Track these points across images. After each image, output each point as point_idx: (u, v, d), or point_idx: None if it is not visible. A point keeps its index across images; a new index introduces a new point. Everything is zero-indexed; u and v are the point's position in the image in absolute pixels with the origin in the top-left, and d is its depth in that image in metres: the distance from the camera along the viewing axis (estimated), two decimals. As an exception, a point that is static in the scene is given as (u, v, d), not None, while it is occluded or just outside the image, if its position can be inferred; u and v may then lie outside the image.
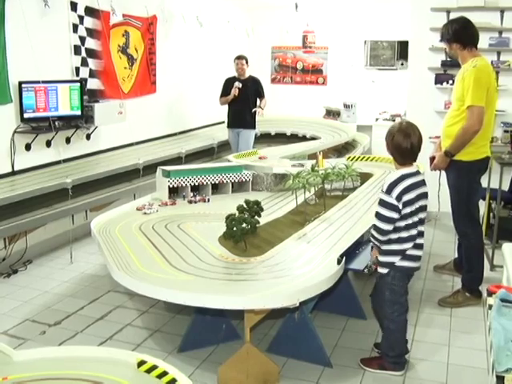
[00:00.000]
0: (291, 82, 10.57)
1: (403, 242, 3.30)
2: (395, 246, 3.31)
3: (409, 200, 3.25)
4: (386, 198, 3.24)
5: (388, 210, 3.23)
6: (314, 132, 8.39)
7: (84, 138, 6.19)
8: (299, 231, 3.88)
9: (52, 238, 5.74)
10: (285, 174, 4.99)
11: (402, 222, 3.27)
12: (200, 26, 8.31)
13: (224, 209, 4.26)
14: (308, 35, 10.17)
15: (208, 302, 2.88)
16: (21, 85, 5.27)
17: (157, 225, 4.05)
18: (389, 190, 3.24)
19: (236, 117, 7.66)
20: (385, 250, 3.34)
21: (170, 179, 4.76)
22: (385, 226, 3.25)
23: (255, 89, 7.68)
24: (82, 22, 6.09)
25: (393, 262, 3.33)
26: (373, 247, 3.45)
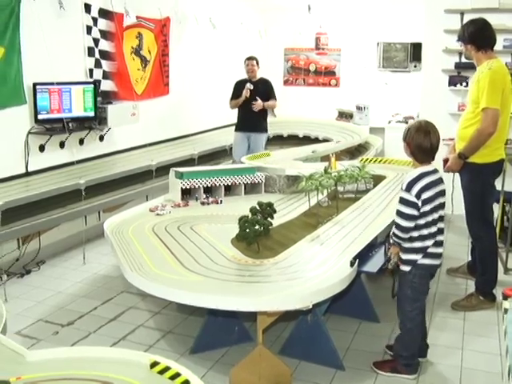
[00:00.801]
0: (304, 83, 10.56)
1: (424, 239, 3.31)
2: (417, 244, 3.33)
3: (428, 198, 3.26)
4: (406, 196, 3.26)
5: (408, 208, 3.25)
6: (327, 134, 8.37)
7: (97, 139, 6.21)
8: (312, 233, 3.87)
9: (65, 239, 5.76)
10: (297, 176, 4.97)
11: (422, 220, 3.28)
12: (213, 27, 8.32)
13: (237, 210, 4.27)
14: (321, 37, 10.17)
15: (221, 304, 2.88)
16: (35, 86, 5.31)
17: (169, 226, 4.06)
18: (408, 188, 3.26)
19: (247, 120, 7.37)
20: (407, 248, 3.35)
21: (182, 181, 4.76)
22: (406, 223, 3.26)
23: (266, 91, 7.44)
24: (96, 23, 6.12)
25: (415, 260, 3.34)
26: (390, 246, 3.43)
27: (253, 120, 7.34)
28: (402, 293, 3.45)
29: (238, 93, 7.35)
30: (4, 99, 5.06)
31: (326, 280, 3.04)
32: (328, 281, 3.03)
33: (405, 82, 9.54)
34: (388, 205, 4.49)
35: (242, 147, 7.36)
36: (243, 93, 7.28)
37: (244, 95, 7.27)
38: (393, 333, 3.91)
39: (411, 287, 3.39)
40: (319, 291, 2.95)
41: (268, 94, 7.43)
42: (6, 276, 4.96)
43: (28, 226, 4.78)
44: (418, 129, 3.33)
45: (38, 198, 4.89)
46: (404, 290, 3.43)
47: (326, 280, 3.04)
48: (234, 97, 7.45)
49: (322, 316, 3.57)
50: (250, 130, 7.39)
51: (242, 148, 7.35)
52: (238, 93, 7.35)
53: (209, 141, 7.89)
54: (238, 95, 7.36)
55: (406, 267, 3.38)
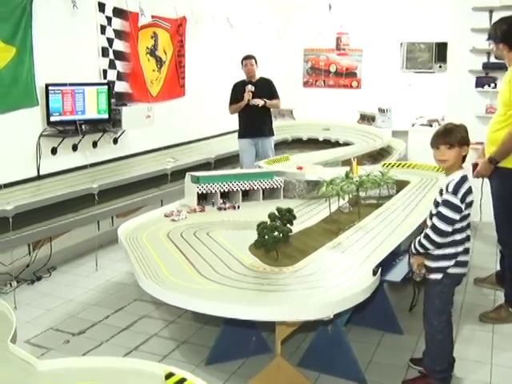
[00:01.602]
0: (324, 85, 10.54)
1: (456, 244, 3.28)
2: (449, 250, 3.28)
3: (469, 202, 3.26)
4: (452, 199, 3.20)
5: (452, 211, 3.19)
6: (348, 138, 8.35)
7: (111, 142, 6.25)
8: (333, 240, 3.85)
9: (77, 245, 5.79)
10: (318, 181, 4.97)
11: (459, 224, 3.25)
12: (230, 27, 8.35)
13: (255, 216, 4.26)
14: (342, 37, 10.15)
15: (238, 313, 2.87)
16: (47, 87, 5.35)
17: (185, 232, 4.06)
18: (455, 191, 3.21)
19: (251, 125, 7.04)
20: (437, 255, 3.30)
21: (198, 185, 4.77)
22: (446, 227, 3.20)
23: (268, 91, 7.12)
24: (110, 23, 6.17)
25: (446, 267, 3.29)
26: (412, 255, 3.38)
27: (258, 124, 7.07)
28: (430, 304, 3.40)
29: (238, 96, 7.02)
30: (16, 100, 5.11)
31: (347, 289, 3.01)
32: (350, 290, 3.00)
33: (429, 83, 9.48)
34: (412, 211, 4.45)
35: (250, 155, 7.14)
36: (244, 96, 6.95)
37: (246, 98, 6.96)
38: (417, 345, 3.87)
39: (439, 298, 3.35)
40: (340, 301, 2.92)
41: (271, 94, 7.15)
42: (16, 283, 4.99)
43: (39, 231, 4.82)
44: (460, 127, 3.30)
45: (49, 202, 4.93)
46: (432, 301, 3.38)
47: (347, 289, 3.01)
48: (234, 101, 7.09)
49: (343, 327, 3.54)
50: (257, 135, 7.10)
51: (249, 155, 7.12)
52: (238, 96, 7.02)
53: (226, 144, 7.89)
54: (237, 99, 7.03)
55: (436, 275, 3.33)
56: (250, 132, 7.09)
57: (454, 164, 3.30)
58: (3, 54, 4.95)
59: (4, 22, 4.93)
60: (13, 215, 4.51)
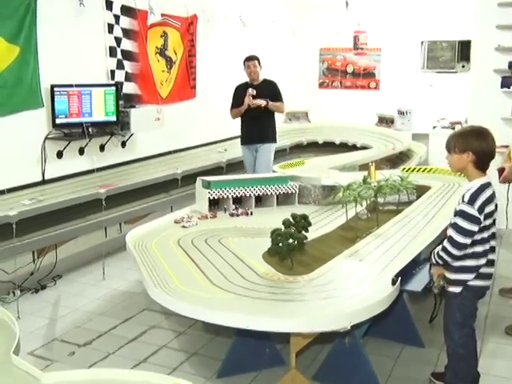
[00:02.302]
0: (340, 86, 10.53)
1: (478, 257, 3.23)
2: (470, 262, 3.24)
3: (489, 212, 3.20)
4: (468, 209, 3.16)
5: (469, 223, 3.15)
6: (366, 141, 8.34)
7: (119, 145, 6.28)
8: (350, 248, 3.85)
9: (83, 252, 5.82)
10: (334, 186, 4.97)
11: (479, 236, 3.20)
12: (243, 25, 8.36)
13: (268, 223, 4.27)
14: (359, 35, 10.12)
15: (251, 324, 2.87)
16: (53, 88, 5.39)
17: (196, 239, 4.07)
18: (471, 201, 3.16)
19: (252, 130, 6.82)
20: (458, 267, 3.26)
21: (210, 190, 4.78)
22: (463, 240, 3.17)
23: (272, 94, 6.85)
24: (118, 21, 6.21)
25: (466, 280, 3.26)
26: (432, 265, 3.37)
27: (259, 130, 6.83)
28: (450, 317, 3.37)
29: (240, 100, 6.82)
30: (20, 102, 5.15)
31: (365, 299, 3.01)
32: (368, 300, 2.99)
33: (451, 83, 9.42)
34: (433, 218, 4.44)
35: (250, 163, 6.97)
36: (245, 100, 6.73)
37: (246, 102, 6.72)
38: (439, 359, 3.84)
39: (460, 310, 3.32)
40: (358, 311, 2.92)
41: (274, 97, 6.90)
42: (20, 291, 5.02)
43: (44, 237, 4.85)
44: (478, 134, 3.25)
45: (54, 207, 4.95)
46: (452, 314, 3.36)
47: (365, 299, 3.01)
48: (235, 105, 6.91)
49: (360, 339, 3.53)
50: (257, 141, 6.89)
51: (249, 164, 6.98)
52: (240, 100, 6.82)
53: (238, 148, 7.89)
54: (239, 102, 6.84)
55: (455, 288, 3.30)
56: (250, 138, 6.93)
57: (466, 170, 3.28)
58: (7, 53, 5.00)
59: (7, 20, 4.97)
60: (16, 221, 4.53)
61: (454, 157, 3.28)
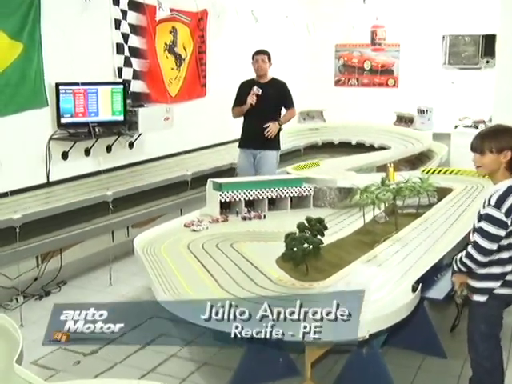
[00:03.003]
0: (357, 84, 10.51)
1: (504, 263, 3.19)
2: (496, 269, 3.20)
3: None
4: (495, 213, 3.12)
5: (495, 227, 3.11)
6: (383, 141, 8.33)
7: (126, 146, 6.30)
8: (368, 253, 3.84)
9: (89, 257, 5.83)
10: (351, 188, 4.98)
11: (506, 241, 3.16)
12: (255, 21, 8.36)
13: (282, 226, 4.26)
14: (377, 31, 10.09)
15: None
16: (58, 87, 5.42)
17: (207, 244, 4.08)
18: (498, 204, 3.11)
19: (253, 134, 6.36)
20: (482, 275, 3.22)
21: (221, 193, 4.79)
22: (489, 245, 3.12)
23: (280, 96, 6.42)
24: (125, 17, 6.22)
25: (492, 289, 3.22)
26: (454, 273, 3.34)
27: (261, 134, 6.31)
28: (475, 328, 3.32)
29: (243, 98, 6.38)
30: (23, 101, 5.18)
31: (384, 307, 3.00)
32: (387, 308, 2.99)
33: (475, 80, 9.38)
34: (456, 221, 4.42)
35: (247, 169, 6.46)
36: (248, 99, 6.29)
37: (249, 102, 6.28)
38: (463, 371, 3.81)
39: (485, 321, 3.27)
40: (376, 320, 2.91)
41: (282, 100, 6.47)
42: (23, 298, 5.04)
43: (48, 241, 4.88)
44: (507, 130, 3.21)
45: (59, 210, 4.98)
46: (476, 325, 3.30)
47: (384, 307, 3.00)
48: (238, 103, 6.48)
49: (379, 349, 3.52)
50: (257, 146, 6.40)
51: (247, 170, 6.44)
52: (243, 98, 6.38)
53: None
54: (242, 101, 6.40)
55: (480, 297, 3.25)
56: (249, 142, 6.46)
57: (496, 172, 3.21)
58: (9, 50, 5.02)
59: (10, 16, 5.00)
60: (20, 225, 4.55)
61: (489, 157, 3.18)
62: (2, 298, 4.97)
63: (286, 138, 8.81)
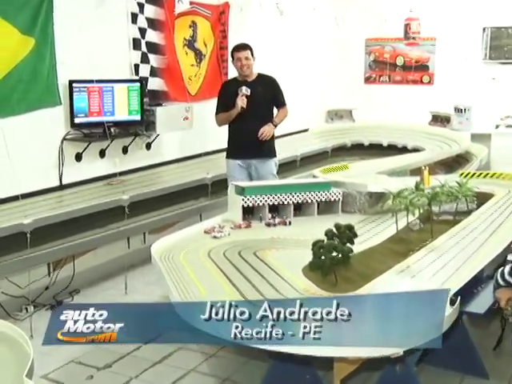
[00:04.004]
0: (389, 81, 10.46)
1: None
2: None
3: None
4: None
5: None
6: (417, 142, 8.28)
7: (144, 147, 6.33)
8: (401, 263, 3.80)
9: (104, 264, 5.86)
10: (382, 193, 4.94)
11: None
12: (280, 14, 8.36)
13: (308, 233, 4.24)
14: (411, 23, 10.02)
15: (289, 347, 2.85)
16: (71, 84, 5.46)
17: (229, 251, 4.07)
18: None
19: (246, 140, 5.93)
20: None
21: (244, 197, 4.78)
22: None
23: (271, 93, 6.03)
24: (143, 10, 6.26)
25: None
26: (498, 287, 3.29)
27: (255, 140, 5.90)
28: None
29: (228, 101, 5.90)
30: (35, 99, 5.23)
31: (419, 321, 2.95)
32: (422, 322, 2.94)
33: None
34: (497, 229, 4.38)
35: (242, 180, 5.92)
36: (237, 102, 5.81)
37: (239, 105, 5.82)
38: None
39: None
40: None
41: (273, 98, 6.06)
42: (33, 308, 5.07)
43: (60, 248, 4.90)
44: None
45: (72, 215, 5.00)
46: None
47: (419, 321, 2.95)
48: (223, 107, 5.99)
49: (414, 366, 3.49)
50: (251, 155, 5.98)
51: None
52: (228, 101, 5.90)
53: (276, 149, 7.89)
54: (228, 105, 5.92)
55: None
56: (241, 151, 6.00)
57: None
58: (20, 46, 5.06)
59: (21, 10, 5.04)
60: (31, 230, 4.59)
61: None
62: (12, 308, 5.01)
63: (312, 139, 8.87)
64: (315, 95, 9.47)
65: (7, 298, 4.98)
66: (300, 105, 7.97)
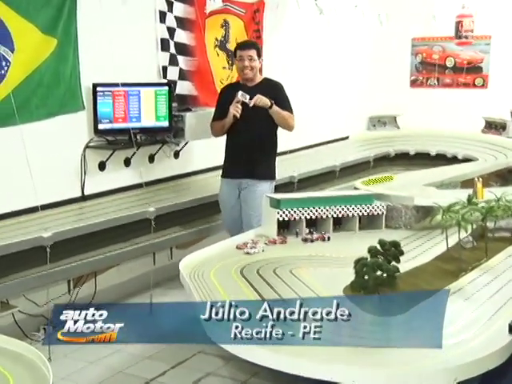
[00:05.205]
0: (438, 84, 10.40)
1: None
2: None
3: None
4: None
5: None
6: (469, 151, 8.22)
7: (171, 155, 6.37)
8: (452, 284, 3.76)
9: (127, 282, 5.89)
10: (431, 207, 4.90)
11: None
12: (319, 12, 8.35)
13: (349, 250, 4.24)
14: (463, 21, 9.92)
15: (328, 374, 2.84)
16: (95, 88, 5.51)
17: (263, 269, 4.06)
18: None
19: (239, 158, 5.62)
20: None
21: (279, 210, 4.77)
22: None
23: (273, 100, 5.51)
24: (172, 9, 6.30)
25: None
26: None
27: (248, 156, 5.54)
28: None
29: (226, 108, 5.52)
30: (57, 104, 5.29)
31: (473, 350, 2.93)
32: (477, 352, 2.91)
33: None
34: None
35: (230, 206, 5.70)
36: (230, 109, 5.45)
37: (231, 113, 5.44)
38: None
39: None
40: (465, 366, 2.84)
41: (278, 104, 5.57)
42: (52, 328, 5.08)
43: (81, 264, 4.94)
44: None
45: (95, 228, 5.04)
46: None
47: (473, 350, 2.93)
48: (219, 115, 5.67)
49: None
50: (243, 174, 5.59)
51: (229, 208, 5.72)
52: (226, 108, 5.52)
53: (313, 159, 7.90)
54: (225, 111, 5.55)
55: None
56: (234, 169, 5.66)
57: None
58: (42, 46, 5.13)
59: (43, 8, 5.11)
60: (51, 244, 4.63)
61: None
62: (29, 328, 5.04)
63: (353, 147, 8.83)
64: (356, 100, 9.45)
65: (24, 316, 5.01)
66: (339, 110, 7.97)
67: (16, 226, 4.84)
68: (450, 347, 2.96)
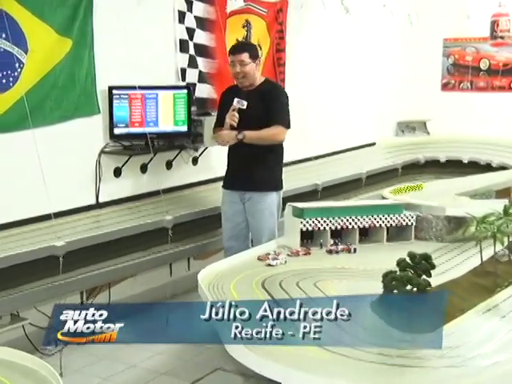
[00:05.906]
0: (471, 87, 10.35)
1: None
2: None
3: None
4: None
5: None
6: (504, 159, 8.17)
7: (190, 162, 6.39)
8: (487, 300, 3.74)
9: (143, 294, 5.89)
10: (463, 218, 4.86)
11: None
12: (346, 12, 8.37)
13: (377, 263, 4.21)
14: (500, 20, 9.89)
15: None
16: (111, 91, 5.54)
17: (285, 281, 4.04)
18: None
19: (239, 168, 5.52)
20: None
21: (303, 220, 4.76)
22: None
23: (264, 105, 5.34)
24: (191, 8, 6.32)
25: None
26: None
27: (250, 166, 5.41)
28: None
29: (225, 112, 5.35)
30: (71, 107, 5.32)
31: (510, 373, 2.90)
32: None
33: None
34: None
35: (232, 219, 5.56)
36: (226, 118, 5.29)
37: (228, 123, 5.28)
38: None
39: None
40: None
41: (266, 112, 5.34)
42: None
43: (95, 274, 4.98)
44: None
45: (110, 237, 5.08)
46: None
47: (510, 373, 2.90)
48: (219, 122, 5.51)
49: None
50: (243, 186, 5.47)
51: (230, 220, 5.57)
52: (225, 112, 5.35)
53: (338, 166, 7.88)
54: (225, 118, 5.34)
55: None
56: (235, 180, 5.55)
57: None
58: (57, 47, 5.17)
59: (58, 8, 5.14)
60: (64, 253, 4.67)
61: None
62: (39, 341, 5.04)
63: (380, 154, 8.81)
64: (384, 104, 9.41)
65: (35, 329, 5.01)
66: (366, 115, 7.95)
67: (28, 235, 4.87)
68: (484, 368, 2.93)
